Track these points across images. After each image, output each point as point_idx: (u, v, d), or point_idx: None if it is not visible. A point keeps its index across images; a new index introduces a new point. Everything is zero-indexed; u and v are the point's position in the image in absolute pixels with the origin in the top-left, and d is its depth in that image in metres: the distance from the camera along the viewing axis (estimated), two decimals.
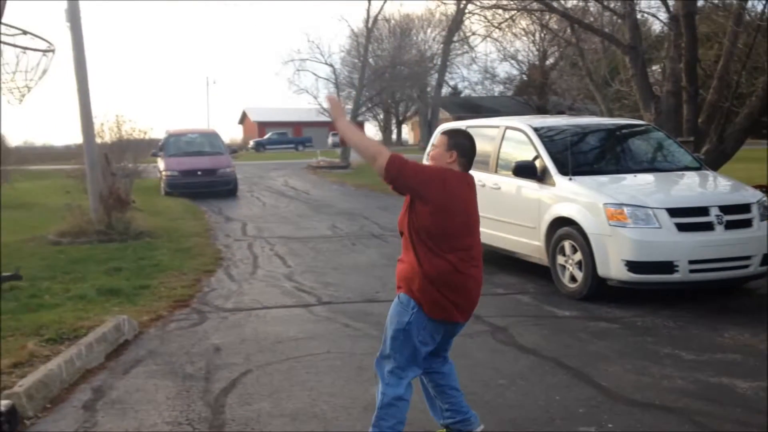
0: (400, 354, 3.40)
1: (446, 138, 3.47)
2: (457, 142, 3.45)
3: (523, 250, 7.86)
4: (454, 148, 3.43)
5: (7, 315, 6.28)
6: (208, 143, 21.22)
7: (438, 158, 3.47)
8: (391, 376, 3.42)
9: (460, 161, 3.43)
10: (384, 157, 3.26)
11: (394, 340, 3.40)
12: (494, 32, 29.51)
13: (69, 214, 11.64)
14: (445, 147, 3.44)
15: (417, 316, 3.35)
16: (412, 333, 3.36)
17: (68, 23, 11.74)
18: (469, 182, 3.48)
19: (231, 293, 7.58)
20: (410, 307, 3.35)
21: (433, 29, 44.61)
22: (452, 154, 3.42)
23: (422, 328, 3.37)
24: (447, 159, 3.42)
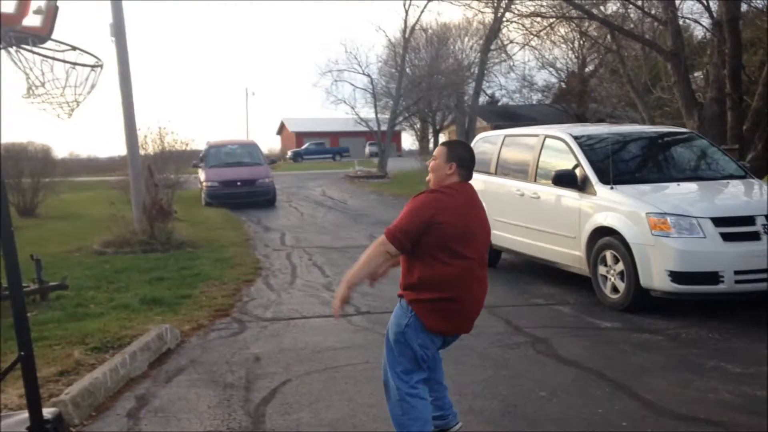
0: (403, 357, 3.45)
1: (445, 149, 3.53)
2: (455, 154, 3.51)
3: (563, 260, 7.77)
4: (453, 160, 3.48)
5: (53, 323, 6.44)
6: (247, 154, 21.49)
7: (437, 169, 3.51)
8: (398, 380, 3.46)
9: (459, 172, 3.48)
10: (382, 241, 3.36)
11: (396, 344, 3.47)
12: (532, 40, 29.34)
13: (113, 225, 11.89)
14: (444, 159, 3.50)
15: (414, 320, 3.39)
16: (409, 336, 3.41)
17: (113, 38, 12.04)
18: (465, 194, 3.48)
19: (270, 303, 7.64)
20: (408, 311, 3.41)
21: (471, 38, 44.42)
22: (451, 166, 3.47)
23: (420, 332, 3.41)
24: (446, 170, 3.48)
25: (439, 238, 3.32)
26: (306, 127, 66.74)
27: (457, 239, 3.34)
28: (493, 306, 7.15)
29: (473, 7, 30.87)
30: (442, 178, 3.48)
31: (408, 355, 3.44)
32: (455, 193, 3.42)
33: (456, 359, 5.43)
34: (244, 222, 15.83)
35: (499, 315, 6.79)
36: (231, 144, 22.74)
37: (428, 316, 3.37)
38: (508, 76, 43.92)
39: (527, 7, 18.85)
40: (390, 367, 3.51)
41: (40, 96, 3.84)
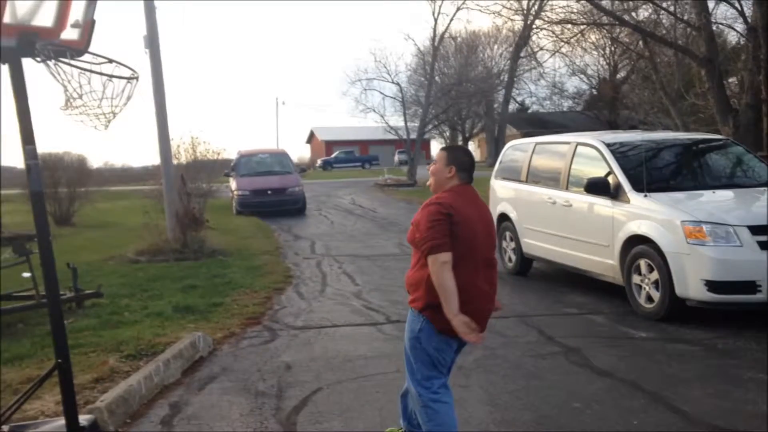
0: (420, 363, 3.47)
1: (445, 154, 3.61)
2: (455, 157, 3.57)
3: (596, 269, 7.68)
4: (452, 163, 3.54)
5: (89, 331, 6.54)
6: (277, 163, 21.65)
7: (438, 173, 3.57)
8: (420, 388, 3.47)
9: (459, 175, 3.54)
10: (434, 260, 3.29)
11: (412, 351, 3.49)
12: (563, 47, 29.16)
13: (147, 234, 12.06)
14: (445, 162, 3.56)
15: (426, 324, 3.42)
16: (424, 341, 3.43)
17: (147, 50, 12.25)
18: (468, 196, 3.53)
19: (301, 311, 7.68)
20: (420, 317, 3.44)
21: (500, 45, 44.32)
22: (451, 169, 3.53)
23: (434, 335, 3.43)
24: (446, 174, 3.53)
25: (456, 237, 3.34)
26: (335, 136, 67.08)
27: (464, 240, 3.37)
28: (525, 315, 7.10)
29: (503, 15, 30.88)
30: (443, 182, 3.54)
31: (425, 361, 3.46)
32: (458, 195, 3.48)
33: (487, 369, 5.40)
34: (274, 230, 15.94)
35: (531, 324, 6.73)
36: (262, 153, 22.94)
37: (439, 318, 3.36)
38: (539, 83, 43.71)
39: (557, 14, 18.79)
40: (410, 376, 3.53)
41: (77, 108, 3.90)
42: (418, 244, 3.40)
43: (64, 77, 3.80)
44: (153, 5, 12.25)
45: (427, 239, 3.33)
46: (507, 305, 7.49)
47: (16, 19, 3.70)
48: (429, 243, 3.31)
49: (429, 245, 3.31)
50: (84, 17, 4.08)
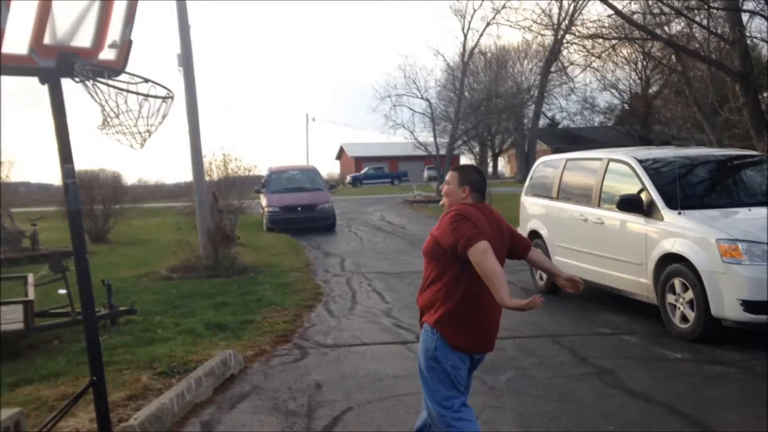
0: (439, 383, 3.44)
1: (458, 174, 3.63)
2: (467, 177, 3.60)
3: (629, 288, 7.57)
4: (466, 184, 3.57)
5: (123, 348, 6.62)
6: (307, 179, 21.77)
7: (452, 194, 3.60)
8: (440, 408, 3.43)
9: (473, 195, 3.56)
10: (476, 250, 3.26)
11: (429, 371, 3.46)
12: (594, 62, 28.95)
13: (179, 250, 12.19)
14: (458, 183, 3.59)
15: (441, 342, 3.40)
16: (440, 359, 3.41)
17: (180, 68, 12.45)
18: (485, 213, 3.55)
19: (330, 329, 7.68)
20: (435, 334, 3.42)
21: (530, 60, 44.20)
22: (465, 189, 3.56)
23: (450, 353, 3.41)
24: (461, 194, 3.56)
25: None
26: (365, 152, 67.30)
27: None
28: (557, 335, 7.01)
29: (533, 30, 30.82)
30: (457, 202, 3.56)
31: (444, 380, 3.43)
32: (475, 210, 3.49)
33: (519, 390, 5.34)
34: (304, 247, 16.01)
35: (563, 344, 6.64)
36: (292, 170, 23.08)
37: (454, 335, 3.39)
38: (569, 98, 43.48)
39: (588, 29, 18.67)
40: (430, 397, 3.48)
41: (114, 127, 3.97)
42: (448, 249, 3.36)
43: (102, 97, 3.86)
44: (187, 25, 12.46)
45: (460, 236, 3.30)
46: (538, 324, 7.43)
47: (56, 39, 3.79)
48: (464, 238, 3.29)
49: (464, 240, 3.28)
50: (121, 38, 4.16)
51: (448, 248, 3.35)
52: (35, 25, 3.58)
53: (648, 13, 15.89)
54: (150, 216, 24.43)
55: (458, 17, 37.38)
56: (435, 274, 3.46)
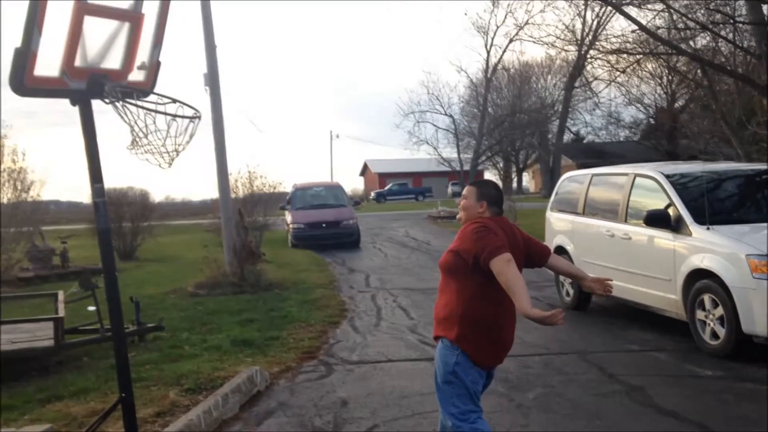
0: (457, 398, 3.44)
1: (475, 189, 3.68)
2: (485, 192, 3.65)
3: (657, 304, 7.47)
4: (483, 198, 3.62)
5: (150, 365, 6.67)
6: (332, 196, 21.87)
7: (469, 208, 3.64)
8: (458, 421, 3.44)
9: (491, 209, 3.61)
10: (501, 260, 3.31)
11: (448, 385, 3.46)
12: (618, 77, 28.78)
13: (206, 267, 12.29)
14: (475, 198, 3.63)
15: (462, 357, 3.42)
16: (460, 374, 3.42)
17: (207, 87, 12.63)
18: (503, 226, 3.58)
19: (356, 345, 7.67)
20: (455, 349, 3.43)
21: (554, 76, 44.12)
22: (482, 204, 3.61)
23: (470, 368, 3.43)
24: (478, 209, 3.60)
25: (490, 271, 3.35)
26: (389, 168, 67.47)
27: None
28: (585, 352, 6.94)
29: (557, 46, 30.77)
30: (475, 216, 3.60)
31: (463, 395, 3.45)
32: (494, 223, 3.52)
33: (547, 408, 5.28)
34: (329, 263, 16.04)
35: (592, 361, 6.57)
36: (316, 186, 23.20)
37: (475, 350, 3.42)
38: (594, 113, 43.22)
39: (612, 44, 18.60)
40: (446, 411, 3.49)
41: (143, 147, 4.04)
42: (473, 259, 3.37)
43: (131, 117, 3.94)
44: (214, 45, 12.65)
45: (485, 246, 3.34)
46: (566, 341, 7.36)
47: (87, 62, 3.87)
48: (488, 249, 3.32)
49: (489, 250, 3.32)
50: (150, 59, 4.25)
51: (471, 259, 3.38)
52: (67, 48, 3.66)
53: (673, 27, 15.81)
54: (177, 233, 24.67)
55: (481, 34, 37.51)
56: (453, 288, 3.49)
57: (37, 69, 3.54)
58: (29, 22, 3.43)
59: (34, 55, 3.48)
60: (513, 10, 34.20)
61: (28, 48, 3.45)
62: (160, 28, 4.16)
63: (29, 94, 3.66)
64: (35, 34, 3.45)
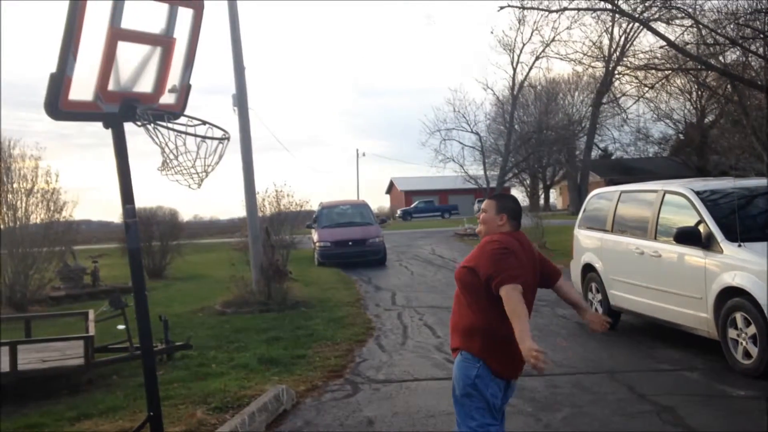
0: (476, 411, 3.43)
1: (495, 202, 3.70)
2: (505, 206, 3.67)
3: (688, 323, 7.36)
4: (503, 211, 3.64)
5: (178, 383, 6.73)
6: (358, 214, 21.93)
7: (489, 221, 3.65)
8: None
9: (510, 223, 3.64)
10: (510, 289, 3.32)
11: (467, 398, 3.46)
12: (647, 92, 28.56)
13: (233, 286, 12.39)
14: (495, 211, 3.65)
15: (484, 369, 3.42)
16: (481, 387, 3.42)
17: (235, 108, 12.80)
18: (522, 242, 3.62)
19: (382, 364, 7.66)
20: (476, 361, 3.44)
21: (581, 92, 43.91)
22: (502, 217, 3.63)
23: (490, 381, 3.44)
24: (498, 222, 3.63)
25: None
26: (415, 186, 67.51)
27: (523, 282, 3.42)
28: (614, 371, 6.84)
29: (584, 63, 30.66)
30: (494, 230, 3.62)
31: (482, 408, 3.44)
32: (513, 239, 3.55)
33: (576, 428, 5.22)
34: (355, 281, 16.06)
35: (621, 381, 6.47)
36: (342, 204, 23.29)
37: (496, 362, 3.44)
38: (622, 129, 42.90)
39: (640, 60, 18.49)
40: (465, 425, 3.48)
41: (173, 168, 4.11)
42: (487, 279, 3.39)
43: (162, 139, 4.01)
44: (242, 67, 12.83)
45: (499, 271, 3.36)
46: (594, 360, 7.27)
47: (119, 86, 3.97)
48: (502, 274, 3.34)
49: (503, 276, 3.34)
50: (180, 82, 4.34)
51: (485, 278, 3.39)
52: (100, 73, 3.76)
53: (702, 43, 15.68)
54: (205, 252, 24.91)
55: (507, 51, 37.50)
56: (471, 301, 3.50)
57: (71, 93, 3.64)
58: (64, 48, 3.53)
59: (68, 80, 3.58)
60: (539, 28, 34.00)
61: (63, 73, 3.55)
62: (190, 51, 4.25)
63: (64, 117, 3.75)
64: (70, 59, 3.54)
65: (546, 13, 22.26)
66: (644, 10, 17.78)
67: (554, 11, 20.96)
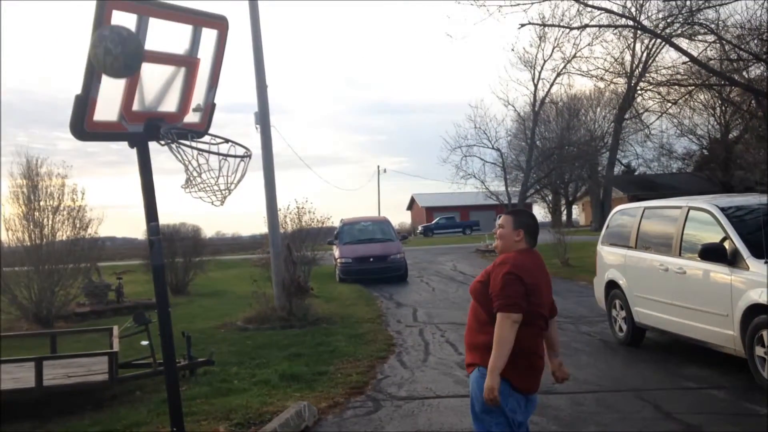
0: (496, 426, 3.44)
1: (512, 218, 3.72)
2: (522, 221, 3.69)
3: (714, 340, 7.25)
4: (520, 227, 3.66)
5: (201, 399, 6.76)
6: (379, 230, 21.95)
7: (506, 237, 3.68)
8: None
9: (526, 239, 3.65)
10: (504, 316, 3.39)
11: (487, 414, 3.45)
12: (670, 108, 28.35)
13: (255, 302, 12.44)
14: (512, 226, 3.67)
15: (503, 384, 3.39)
16: (500, 401, 3.40)
17: (257, 126, 12.92)
18: (536, 260, 3.64)
19: (404, 381, 7.63)
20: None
21: (603, 108, 43.68)
22: (519, 233, 3.65)
23: (509, 396, 3.42)
24: (515, 237, 3.65)
25: (530, 303, 3.46)
26: (436, 202, 67.43)
27: (538, 301, 3.50)
28: (639, 389, 6.75)
29: (605, 79, 30.54)
30: (511, 245, 3.65)
31: (501, 423, 3.44)
32: (528, 258, 3.58)
33: None
34: (376, 298, 16.04)
35: (646, 399, 6.38)
36: (364, 221, 23.33)
37: (517, 377, 3.44)
38: (645, 145, 42.51)
39: (662, 76, 18.39)
40: None
41: (196, 186, 4.16)
42: (491, 299, 3.46)
43: (186, 158, 4.07)
44: (265, 85, 12.97)
45: (503, 296, 3.41)
46: (620, 378, 7.19)
47: (144, 106, 4.04)
48: (504, 300, 3.40)
49: (504, 302, 3.39)
50: (205, 101, 4.40)
51: (492, 296, 3.47)
52: (125, 94, 3.83)
53: (725, 58, 15.56)
54: (227, 268, 25.05)
55: (528, 68, 37.46)
56: (488, 316, 3.50)
57: (96, 114, 3.71)
58: (89, 70, 3.60)
59: (93, 101, 3.65)
60: (560, 44, 33.87)
61: (88, 94, 3.62)
62: (215, 71, 4.31)
63: (89, 138, 3.82)
64: (94, 81, 3.61)
65: (567, 30, 22.25)
66: (666, 26, 17.73)
67: (575, 28, 20.97)
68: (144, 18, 3.76)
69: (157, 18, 3.84)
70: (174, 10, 3.95)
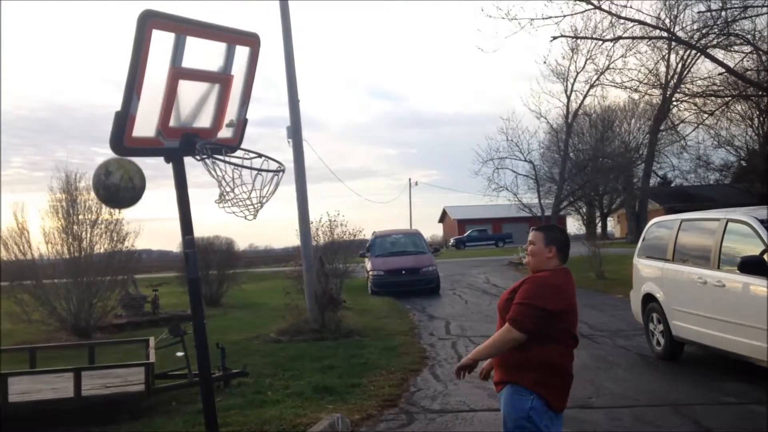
0: None
1: (542, 234, 3.67)
2: (554, 237, 3.64)
3: (755, 355, 7.08)
4: (552, 243, 3.61)
5: (235, 410, 6.81)
6: (411, 243, 21.94)
7: (538, 254, 3.62)
8: None
9: (558, 255, 3.61)
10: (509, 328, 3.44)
11: (521, 431, 3.42)
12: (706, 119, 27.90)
13: (288, 314, 12.51)
14: (544, 243, 3.62)
15: (538, 402, 3.39)
16: (535, 420, 3.39)
17: (289, 140, 13.07)
18: (567, 277, 3.61)
19: (437, 394, 7.59)
20: (529, 394, 3.42)
21: (638, 119, 43.13)
22: (551, 249, 3.60)
23: (544, 414, 3.40)
24: (546, 254, 3.60)
25: (562, 322, 3.46)
26: (468, 215, 67.17)
27: (572, 322, 3.52)
28: (678, 404, 6.63)
29: (640, 90, 30.21)
30: (543, 262, 3.61)
31: None
32: (561, 278, 3.55)
33: None
34: (409, 310, 16.01)
35: (686, 414, 6.26)
36: (395, 234, 23.35)
37: (552, 395, 3.43)
38: (681, 156, 41.91)
39: (698, 87, 18.14)
40: None
41: (230, 200, 4.21)
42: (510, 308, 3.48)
43: (219, 172, 4.13)
44: (297, 100, 13.12)
45: (517, 313, 3.42)
46: (657, 393, 7.06)
47: (180, 122, 4.12)
48: (518, 316, 3.40)
49: (518, 318, 3.40)
50: (237, 116, 4.47)
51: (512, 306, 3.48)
52: (162, 111, 3.91)
53: (762, 69, 15.30)
54: (260, 280, 25.24)
55: (560, 80, 37.20)
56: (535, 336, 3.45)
57: (135, 130, 3.79)
58: (129, 88, 3.69)
59: (132, 118, 3.74)
60: (593, 56, 33.60)
61: (127, 111, 3.71)
62: (247, 87, 4.39)
63: (128, 153, 3.91)
64: (134, 98, 3.70)
65: (600, 42, 22.07)
66: (701, 37, 17.48)
67: (608, 40, 20.81)
68: (182, 37, 3.84)
69: (194, 36, 3.92)
70: (210, 29, 4.03)
